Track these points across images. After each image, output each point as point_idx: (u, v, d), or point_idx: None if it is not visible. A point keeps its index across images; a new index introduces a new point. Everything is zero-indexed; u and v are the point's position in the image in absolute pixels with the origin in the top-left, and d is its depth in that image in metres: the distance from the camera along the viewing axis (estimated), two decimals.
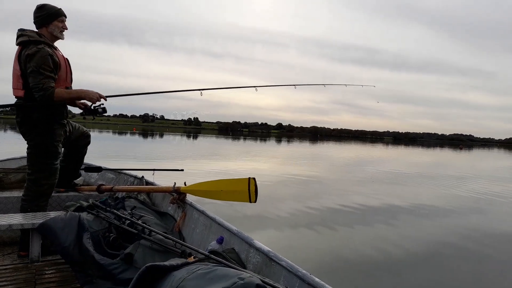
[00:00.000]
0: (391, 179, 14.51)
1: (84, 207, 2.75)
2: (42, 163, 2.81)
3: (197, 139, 49.39)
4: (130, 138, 40.23)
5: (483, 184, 14.21)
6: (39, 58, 2.57)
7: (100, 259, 2.13)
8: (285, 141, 61.81)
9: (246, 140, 58.08)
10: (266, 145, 42.54)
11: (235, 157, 21.27)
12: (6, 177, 3.90)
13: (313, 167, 17.72)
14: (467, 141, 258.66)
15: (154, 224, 2.73)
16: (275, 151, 31.76)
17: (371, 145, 67.99)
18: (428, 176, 16.02)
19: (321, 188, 11.01)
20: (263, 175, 12.51)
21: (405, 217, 7.62)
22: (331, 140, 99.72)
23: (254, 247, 2.20)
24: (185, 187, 3.19)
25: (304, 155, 27.53)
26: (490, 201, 10.37)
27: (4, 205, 3.26)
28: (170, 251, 2.20)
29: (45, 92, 2.57)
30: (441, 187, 12.68)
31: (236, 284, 1.29)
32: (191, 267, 1.58)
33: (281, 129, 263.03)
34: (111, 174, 4.53)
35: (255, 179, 2.86)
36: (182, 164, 5.97)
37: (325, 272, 4.33)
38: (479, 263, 5.13)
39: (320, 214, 7.38)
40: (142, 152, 20.24)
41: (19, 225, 2.40)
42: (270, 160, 21.06)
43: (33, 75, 2.57)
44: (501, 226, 7.38)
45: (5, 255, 2.66)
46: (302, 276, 1.78)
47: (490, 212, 8.83)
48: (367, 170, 17.50)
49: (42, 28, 2.76)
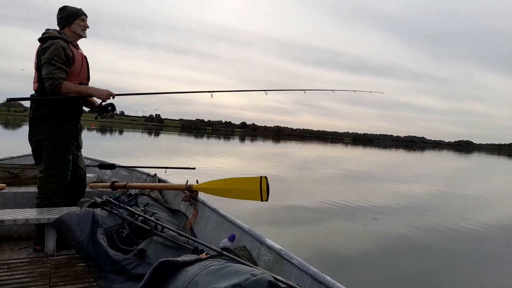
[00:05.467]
0: (350, 177, 15.47)
1: (98, 203, 2.78)
2: (52, 159, 2.77)
3: (159, 137, 48.92)
4: (88, 135, 36.07)
5: (434, 182, 15.39)
6: (52, 50, 2.64)
7: (113, 254, 2.16)
8: (250, 140, 63.19)
9: (210, 138, 58.62)
10: (233, 144, 42.91)
11: (195, 155, 21.34)
12: (23, 173, 3.97)
13: (276, 165, 18.35)
14: (420, 143, 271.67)
15: (166, 221, 2.76)
16: (246, 149, 32.27)
17: (332, 145, 71.38)
18: (384, 175, 17.13)
19: (281, 187, 10.95)
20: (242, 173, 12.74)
21: (361, 214, 8.01)
22: (294, 139, 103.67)
23: (265, 245, 2.20)
24: (197, 185, 3.21)
25: (271, 154, 28.27)
26: (440, 198, 11.28)
27: (21, 200, 3.33)
28: (182, 247, 2.22)
29: (53, 81, 2.61)
30: (396, 185, 13.65)
31: (248, 281, 1.30)
32: (204, 263, 1.59)
33: (245, 128, 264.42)
34: (125, 172, 4.59)
35: (267, 177, 2.87)
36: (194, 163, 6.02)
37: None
38: (431, 256, 5.43)
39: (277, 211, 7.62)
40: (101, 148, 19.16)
41: (35, 220, 2.44)
42: (242, 157, 21.61)
43: (45, 66, 2.63)
44: (449, 221, 7.87)
45: (21, 249, 2.71)
46: (314, 274, 1.78)
47: (439, 208, 9.56)
48: (328, 169, 18.29)
49: (65, 28, 2.85)
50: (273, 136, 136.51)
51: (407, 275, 4.71)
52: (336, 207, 8.51)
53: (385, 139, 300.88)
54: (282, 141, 70.50)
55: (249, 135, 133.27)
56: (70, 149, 2.88)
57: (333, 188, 11.95)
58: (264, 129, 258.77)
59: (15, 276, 2.15)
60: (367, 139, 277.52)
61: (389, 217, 7.97)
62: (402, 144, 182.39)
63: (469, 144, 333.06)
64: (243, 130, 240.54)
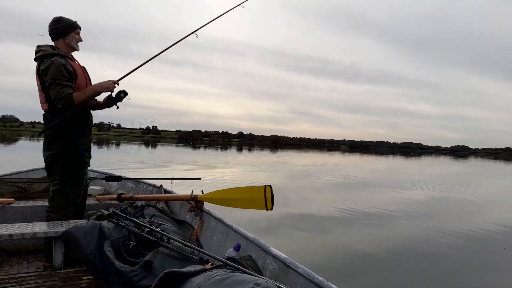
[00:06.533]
0: (351, 184, 15.57)
1: (104, 215, 2.80)
2: (68, 172, 2.79)
3: (156, 148, 48.63)
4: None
5: (432, 188, 15.45)
6: (53, 70, 2.62)
7: (120, 266, 2.17)
8: (247, 150, 63.09)
9: (208, 149, 58.55)
10: (231, 154, 42.87)
11: (194, 166, 21.40)
12: (31, 187, 4.03)
13: (276, 174, 18.53)
14: (416, 149, 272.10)
15: (172, 232, 2.77)
16: (245, 159, 32.23)
17: (329, 153, 71.77)
18: (382, 182, 17.36)
19: (281, 195, 10.99)
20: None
21: (362, 221, 8.07)
22: (291, 148, 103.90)
23: (271, 254, 2.20)
24: (202, 195, 3.23)
25: (270, 163, 28.38)
26: (438, 204, 11.30)
27: (29, 214, 3.37)
28: (188, 258, 2.23)
29: (65, 100, 2.61)
30: (395, 191, 13.71)
31: None
32: (209, 273, 1.60)
33: (242, 137, 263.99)
34: (131, 183, 4.62)
35: (271, 186, 2.88)
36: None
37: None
38: (429, 261, 5.47)
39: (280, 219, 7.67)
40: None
41: (43, 233, 2.47)
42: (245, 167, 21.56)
43: (52, 87, 2.62)
44: (448, 226, 7.90)
45: (30, 263, 2.74)
46: (319, 283, 1.78)
47: (439, 214, 9.63)
48: (328, 177, 18.32)
49: (59, 39, 2.80)
50: (270, 146, 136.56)
51: (406, 281, 4.74)
52: (338, 214, 8.60)
53: (382, 146, 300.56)
54: (280, 150, 70.59)
55: (246, 144, 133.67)
56: (85, 162, 2.90)
57: (332, 195, 12.02)
58: (261, 139, 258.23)
59: None
60: (364, 146, 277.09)
61: (388, 223, 8.05)
62: (399, 151, 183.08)
63: (465, 149, 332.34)
64: (240, 140, 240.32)
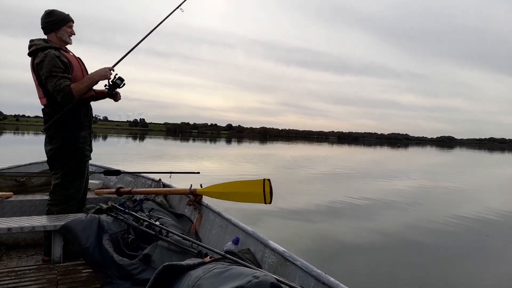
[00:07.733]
0: (339, 176, 15.82)
1: (103, 209, 2.80)
2: (70, 166, 2.78)
3: (144, 141, 48.31)
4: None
5: (416, 178, 15.87)
6: (48, 63, 2.59)
7: (119, 260, 2.17)
8: (237, 142, 63.27)
9: (197, 141, 58.48)
10: (220, 146, 42.86)
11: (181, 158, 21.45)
12: (29, 181, 4.02)
13: (266, 166, 18.76)
14: (403, 140, 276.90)
15: (171, 225, 2.77)
16: (235, 152, 32.29)
17: (318, 144, 72.76)
18: (370, 173, 17.71)
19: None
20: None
21: (350, 211, 8.31)
22: (280, 140, 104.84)
23: (269, 247, 2.21)
24: (201, 189, 3.23)
25: (260, 155, 28.45)
26: (423, 193, 11.61)
27: (28, 208, 3.37)
28: (187, 251, 2.24)
29: (64, 92, 2.57)
30: (382, 181, 14.04)
31: (251, 283, 1.31)
32: (207, 266, 1.60)
33: (231, 130, 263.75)
34: (130, 177, 4.62)
35: (270, 180, 2.88)
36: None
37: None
38: (415, 250, 5.68)
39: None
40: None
41: (42, 227, 2.47)
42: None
43: (49, 81, 2.59)
44: (433, 215, 8.13)
45: (29, 256, 2.75)
46: (317, 275, 1.78)
47: (423, 203, 9.86)
48: (317, 168, 18.60)
49: (51, 33, 2.76)
50: (259, 138, 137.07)
51: (393, 269, 4.87)
52: (328, 205, 8.78)
53: (370, 137, 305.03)
54: (269, 142, 70.98)
55: (235, 137, 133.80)
56: (86, 155, 2.89)
57: (322, 187, 12.23)
58: (250, 131, 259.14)
59: (23, 283, 2.17)
60: (352, 137, 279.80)
61: (375, 212, 8.24)
62: (386, 142, 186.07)
63: (451, 139, 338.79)
64: (229, 132, 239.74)
